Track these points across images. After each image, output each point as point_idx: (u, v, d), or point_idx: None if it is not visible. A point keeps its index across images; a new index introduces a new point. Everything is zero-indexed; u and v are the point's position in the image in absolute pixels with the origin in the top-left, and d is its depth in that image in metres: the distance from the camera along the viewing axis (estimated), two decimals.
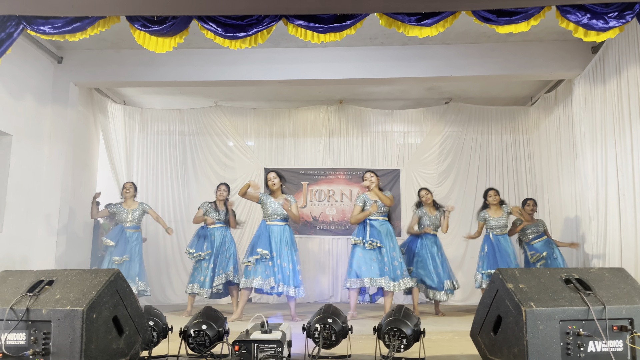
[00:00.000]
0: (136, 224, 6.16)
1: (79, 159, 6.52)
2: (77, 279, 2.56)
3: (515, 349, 2.26)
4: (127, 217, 6.10)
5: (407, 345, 2.79)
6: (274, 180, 5.64)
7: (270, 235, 5.45)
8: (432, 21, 3.98)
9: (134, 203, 6.21)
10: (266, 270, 5.35)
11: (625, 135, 5.03)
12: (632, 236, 4.91)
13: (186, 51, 6.09)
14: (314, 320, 2.98)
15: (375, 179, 5.72)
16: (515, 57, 5.99)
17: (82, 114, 6.61)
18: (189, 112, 8.01)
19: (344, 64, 6.10)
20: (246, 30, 4.04)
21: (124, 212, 6.12)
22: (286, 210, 5.49)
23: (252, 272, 5.37)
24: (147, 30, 4.09)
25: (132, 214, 6.11)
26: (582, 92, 5.91)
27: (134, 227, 6.13)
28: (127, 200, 6.19)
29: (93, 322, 2.37)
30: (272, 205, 5.55)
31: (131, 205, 6.17)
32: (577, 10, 3.80)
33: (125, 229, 6.07)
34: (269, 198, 5.63)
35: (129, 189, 6.22)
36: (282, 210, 5.51)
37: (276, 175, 5.68)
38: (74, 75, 6.26)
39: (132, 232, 6.10)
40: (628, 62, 4.95)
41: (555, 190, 6.90)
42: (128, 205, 6.17)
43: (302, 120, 8.03)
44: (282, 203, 5.52)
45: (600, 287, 2.40)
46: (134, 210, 6.13)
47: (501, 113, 7.87)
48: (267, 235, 5.45)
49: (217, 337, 2.93)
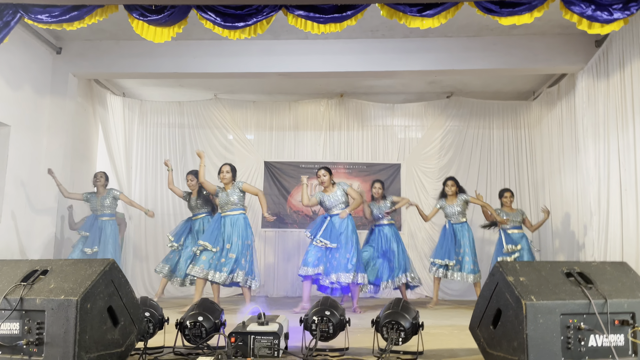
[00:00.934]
0: (110, 211, 6.08)
1: (77, 151, 6.49)
2: (72, 269, 2.53)
3: (515, 342, 2.23)
4: (97, 204, 6.03)
5: (406, 339, 2.76)
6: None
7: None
8: (434, 12, 3.94)
9: (104, 191, 6.13)
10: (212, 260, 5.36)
11: (628, 130, 4.98)
12: (633, 231, 4.87)
13: (185, 42, 6.05)
14: (311, 312, 2.95)
15: (327, 177, 5.70)
16: (517, 51, 5.93)
17: (81, 106, 6.58)
18: (189, 105, 7.97)
19: (344, 57, 6.05)
20: (246, 20, 4.00)
21: (95, 200, 6.05)
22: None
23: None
24: (146, 20, 4.06)
25: (101, 201, 6.03)
26: (585, 87, 5.85)
27: (108, 214, 6.05)
28: (98, 189, 6.12)
29: (87, 312, 2.34)
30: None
31: (102, 192, 6.10)
32: (581, 2, 3.75)
33: (98, 218, 6.00)
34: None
35: (100, 177, 6.15)
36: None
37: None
38: (73, 66, 6.21)
39: (106, 219, 6.01)
40: (632, 55, 4.90)
41: (557, 185, 6.86)
42: (99, 194, 6.10)
43: (302, 114, 7.98)
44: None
45: (601, 281, 2.36)
46: (104, 197, 6.05)
47: (503, 107, 7.82)
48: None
49: (214, 328, 2.91)
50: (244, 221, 5.53)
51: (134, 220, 7.44)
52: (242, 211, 5.57)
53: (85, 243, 5.87)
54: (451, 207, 6.17)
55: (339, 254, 5.46)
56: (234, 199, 5.52)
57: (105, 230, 5.99)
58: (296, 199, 7.80)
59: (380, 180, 6.46)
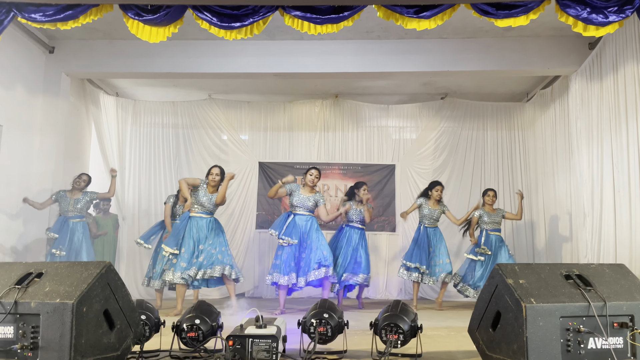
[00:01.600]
0: (82, 213, 5.92)
1: (70, 151, 6.43)
2: (67, 272, 2.50)
3: (514, 345, 2.23)
4: (69, 205, 5.83)
5: (404, 341, 2.75)
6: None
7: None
8: (431, 13, 3.94)
9: (79, 193, 5.93)
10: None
11: (621, 132, 5.02)
12: (626, 233, 4.91)
13: (180, 42, 6.01)
14: (309, 315, 2.93)
15: (317, 181, 5.70)
16: (511, 53, 5.96)
17: (73, 105, 6.52)
18: (183, 105, 7.92)
19: (340, 57, 6.04)
20: (242, 20, 3.98)
21: (66, 201, 5.84)
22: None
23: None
24: (141, 19, 4.02)
25: (74, 203, 5.85)
26: (579, 89, 5.89)
27: (79, 216, 5.88)
28: (74, 191, 5.92)
29: (83, 315, 2.31)
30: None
31: (76, 195, 5.90)
32: (577, 4, 3.77)
33: (69, 220, 5.82)
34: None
35: (83, 180, 5.97)
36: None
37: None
38: (66, 65, 6.16)
39: (76, 222, 5.85)
40: (625, 58, 4.93)
41: (550, 187, 6.90)
42: (73, 195, 5.89)
43: (297, 114, 7.96)
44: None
45: (600, 283, 2.37)
46: (78, 200, 5.86)
47: (497, 109, 7.85)
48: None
49: (211, 331, 2.88)
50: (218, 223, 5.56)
51: (127, 221, 7.38)
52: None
53: (54, 244, 5.70)
54: (430, 211, 6.21)
55: (305, 254, 5.44)
56: (212, 205, 5.46)
57: (76, 232, 5.80)
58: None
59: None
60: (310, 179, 5.62)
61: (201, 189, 5.43)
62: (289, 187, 5.58)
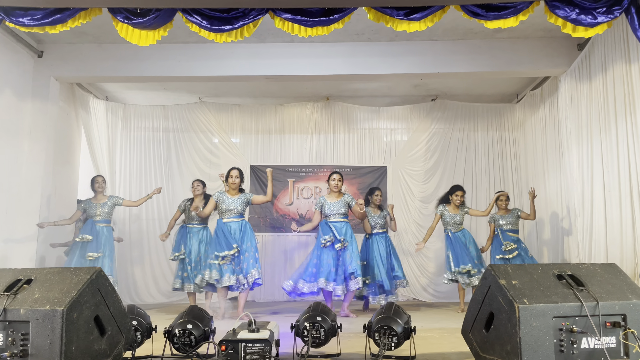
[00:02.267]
0: (106, 217, 6.02)
1: (60, 156, 6.37)
2: (57, 278, 2.47)
3: (508, 346, 2.23)
4: (96, 210, 5.95)
5: (398, 344, 2.75)
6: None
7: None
8: (421, 15, 3.95)
9: (104, 197, 6.09)
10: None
11: (610, 132, 5.05)
12: (617, 232, 4.94)
13: (170, 46, 5.98)
14: (302, 318, 2.92)
15: (340, 184, 5.80)
16: (501, 54, 5.99)
17: (63, 110, 6.45)
18: (173, 109, 7.88)
19: (330, 60, 6.04)
20: (232, 23, 3.97)
21: (93, 206, 5.98)
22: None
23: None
24: (130, 23, 4.00)
25: (101, 207, 5.97)
26: (568, 89, 5.93)
27: (104, 221, 5.98)
28: (97, 195, 6.07)
29: (73, 322, 2.28)
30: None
31: (101, 199, 6.05)
32: (565, 5, 3.79)
33: (96, 224, 5.92)
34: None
35: (101, 183, 6.11)
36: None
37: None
38: (55, 69, 6.10)
39: (102, 226, 5.95)
40: (614, 59, 4.97)
41: (541, 187, 6.93)
42: (98, 200, 6.04)
43: (288, 117, 7.95)
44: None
45: (592, 283, 2.38)
46: (104, 204, 6.00)
47: (487, 110, 7.88)
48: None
49: (203, 336, 2.86)
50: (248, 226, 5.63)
51: (118, 226, 7.32)
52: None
53: (88, 248, 5.77)
54: (452, 216, 6.25)
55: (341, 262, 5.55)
56: (242, 207, 5.57)
57: (103, 235, 5.92)
58: (283, 203, 7.77)
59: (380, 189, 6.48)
60: (334, 184, 5.73)
61: (222, 201, 5.51)
62: (320, 201, 5.75)
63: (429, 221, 7.48)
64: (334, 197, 5.75)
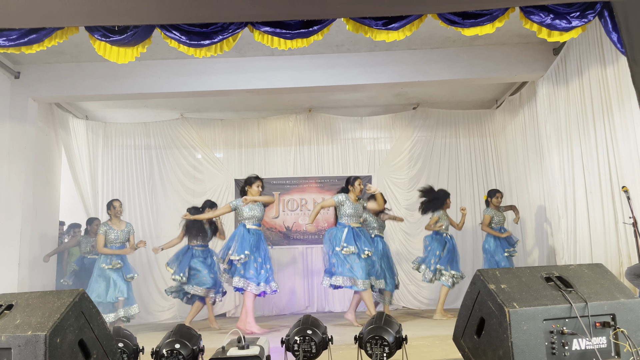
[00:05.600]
0: (122, 244, 5.94)
1: (40, 177, 6.26)
2: (39, 302, 2.40)
3: (500, 351, 2.22)
4: (119, 236, 5.88)
5: (390, 353, 2.72)
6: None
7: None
8: (399, 25, 3.98)
9: (122, 222, 6.00)
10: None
11: (589, 134, 5.13)
12: (600, 233, 4.99)
13: (149, 62, 5.95)
14: (292, 332, 2.88)
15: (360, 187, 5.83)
16: (479, 61, 6.06)
17: (42, 130, 6.36)
18: (155, 125, 7.82)
19: (311, 72, 6.06)
20: (211, 38, 3.95)
21: (115, 233, 5.87)
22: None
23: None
24: (108, 40, 3.96)
25: (123, 234, 5.91)
26: (546, 94, 6.02)
27: (121, 247, 5.90)
28: (115, 219, 5.94)
29: (57, 347, 2.22)
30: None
31: (120, 225, 5.94)
32: (540, 11, 3.85)
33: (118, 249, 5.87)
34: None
35: (119, 207, 5.98)
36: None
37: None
38: (33, 90, 6.02)
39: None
40: (589, 62, 5.06)
41: (524, 190, 7.00)
42: (118, 226, 5.92)
43: (271, 130, 7.94)
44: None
45: (580, 284, 2.39)
46: (124, 231, 5.93)
47: (468, 116, 7.97)
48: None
49: (192, 356, 2.80)
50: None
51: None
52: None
53: (123, 269, 5.80)
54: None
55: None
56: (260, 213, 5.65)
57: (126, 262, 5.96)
58: (268, 215, 7.72)
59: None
60: (360, 189, 5.77)
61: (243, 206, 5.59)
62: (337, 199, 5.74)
63: (415, 229, 7.51)
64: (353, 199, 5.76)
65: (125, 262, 5.90)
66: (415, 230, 7.54)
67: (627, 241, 4.63)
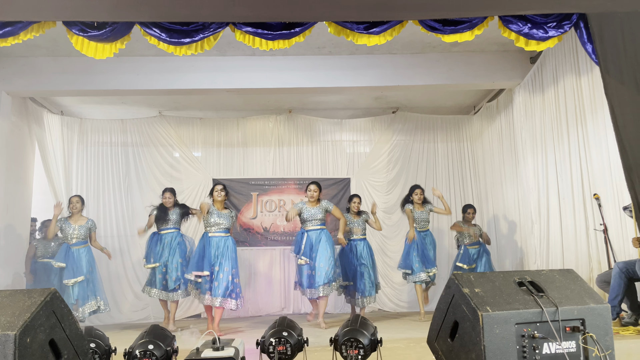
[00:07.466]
0: (85, 239, 5.81)
1: (12, 173, 6.12)
2: (8, 301, 2.35)
3: (472, 354, 2.25)
4: (74, 233, 5.73)
5: (365, 356, 2.74)
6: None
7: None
8: (380, 29, 4.01)
9: (82, 218, 5.86)
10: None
11: (563, 142, 5.25)
12: (572, 239, 5.11)
13: (128, 59, 5.87)
14: (268, 333, 2.87)
15: (317, 194, 5.83)
16: (458, 67, 6.14)
17: (15, 125, 6.22)
18: (132, 123, 7.71)
19: (292, 73, 6.06)
20: (192, 36, 3.92)
21: (69, 228, 5.74)
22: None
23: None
24: (86, 36, 3.89)
25: (78, 230, 5.75)
26: (522, 101, 6.13)
27: (81, 242, 5.76)
28: (74, 215, 5.81)
29: (27, 347, 2.17)
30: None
31: (78, 220, 5.81)
32: (518, 20, 3.93)
33: (71, 247, 5.69)
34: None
35: (76, 203, 5.84)
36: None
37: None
38: (7, 84, 5.88)
39: (78, 248, 5.72)
40: (565, 71, 5.18)
41: (499, 195, 7.12)
42: (75, 221, 5.79)
43: (251, 130, 7.91)
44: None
45: (551, 289, 2.44)
46: (81, 226, 5.78)
47: (446, 122, 8.06)
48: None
49: (165, 357, 2.77)
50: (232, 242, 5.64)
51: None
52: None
53: (64, 275, 5.53)
54: (419, 213, 6.29)
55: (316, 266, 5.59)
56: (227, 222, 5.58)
57: (80, 258, 5.69)
58: (246, 216, 7.69)
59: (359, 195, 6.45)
60: (310, 195, 5.80)
61: (213, 210, 5.55)
62: (299, 206, 5.83)
63: (392, 231, 7.56)
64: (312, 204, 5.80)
65: (72, 266, 5.61)
66: (392, 233, 7.59)
67: (597, 247, 4.75)
